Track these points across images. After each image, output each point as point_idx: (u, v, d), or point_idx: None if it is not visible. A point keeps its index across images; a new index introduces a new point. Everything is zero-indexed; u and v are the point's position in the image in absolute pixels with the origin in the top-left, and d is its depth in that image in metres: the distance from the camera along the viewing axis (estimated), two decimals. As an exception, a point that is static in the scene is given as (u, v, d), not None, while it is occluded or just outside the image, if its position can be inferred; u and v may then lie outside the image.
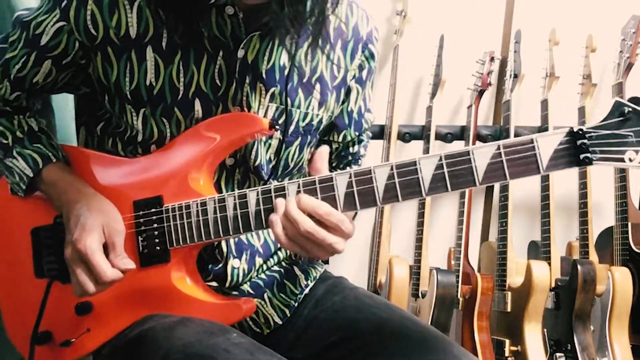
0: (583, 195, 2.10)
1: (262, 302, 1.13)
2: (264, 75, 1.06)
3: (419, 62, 2.25)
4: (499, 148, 0.89)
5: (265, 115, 1.08)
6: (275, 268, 1.18)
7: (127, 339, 1.02)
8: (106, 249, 0.99)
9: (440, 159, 0.91)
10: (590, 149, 0.86)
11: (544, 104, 2.14)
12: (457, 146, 2.20)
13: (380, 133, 2.19)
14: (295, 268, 1.19)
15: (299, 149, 1.13)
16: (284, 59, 1.07)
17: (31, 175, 1.07)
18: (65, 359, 1.08)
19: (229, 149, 1.05)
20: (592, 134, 0.87)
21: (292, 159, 1.13)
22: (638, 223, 2.10)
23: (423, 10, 2.22)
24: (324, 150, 1.11)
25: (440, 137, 2.19)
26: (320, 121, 1.14)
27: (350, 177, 0.94)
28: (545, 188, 2.07)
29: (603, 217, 2.28)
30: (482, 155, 0.90)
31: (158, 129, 1.05)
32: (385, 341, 1.05)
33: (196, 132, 1.04)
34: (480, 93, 2.19)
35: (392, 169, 0.93)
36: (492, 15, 2.32)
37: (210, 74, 1.04)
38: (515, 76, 2.14)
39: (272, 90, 1.07)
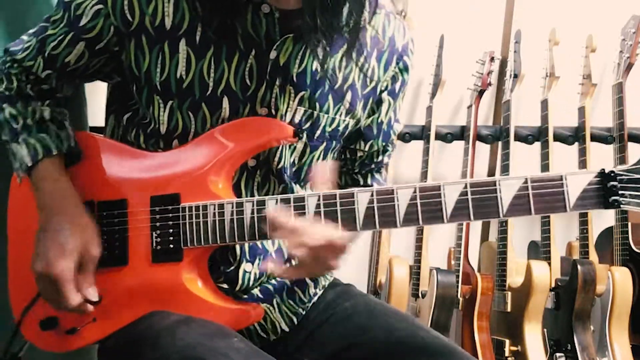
0: (583, 195, 2.10)
1: (271, 308, 1.12)
2: (294, 79, 1.06)
3: (419, 62, 2.24)
4: (526, 182, 0.89)
5: (292, 119, 1.07)
6: None
7: (130, 334, 1.03)
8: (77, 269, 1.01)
9: (465, 187, 0.91)
10: (620, 192, 0.86)
11: (544, 104, 2.14)
12: (458, 146, 2.20)
13: (380, 133, 2.18)
14: None
15: (324, 153, 1.13)
16: (317, 64, 1.07)
17: (29, 164, 1.06)
18: (71, 346, 1.08)
19: (250, 153, 1.05)
20: (624, 177, 0.87)
21: (316, 164, 1.12)
22: (638, 223, 2.10)
23: (423, 10, 2.21)
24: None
25: (440, 137, 2.19)
26: (347, 127, 1.14)
27: (372, 195, 0.94)
28: (545, 188, 2.07)
29: (603, 217, 2.27)
30: (508, 187, 0.90)
31: (183, 122, 1.05)
32: (395, 349, 1.05)
33: (219, 133, 1.04)
34: (480, 93, 2.19)
35: (415, 191, 0.93)
36: (492, 15, 2.32)
37: (240, 73, 1.04)
38: (515, 76, 2.14)
39: (301, 94, 1.07)
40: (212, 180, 1.03)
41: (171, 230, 1.03)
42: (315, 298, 1.19)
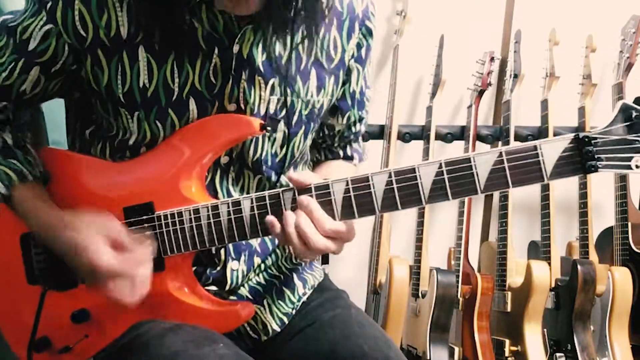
0: (583, 195, 2.10)
1: (261, 309, 1.12)
2: (261, 68, 1.03)
3: (419, 62, 2.25)
4: (501, 155, 0.87)
5: (267, 110, 1.05)
6: (275, 273, 1.16)
7: (120, 344, 1.02)
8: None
9: (440, 166, 0.89)
10: (596, 156, 0.85)
11: (544, 104, 2.14)
12: (458, 146, 2.20)
13: (380, 133, 2.18)
14: (294, 275, 1.18)
15: (304, 137, 1.11)
16: (279, 48, 1.04)
17: (5, 192, 1.01)
18: None
19: (218, 153, 1.02)
20: (598, 140, 0.85)
21: (297, 149, 1.11)
22: (638, 223, 2.10)
23: (423, 10, 2.22)
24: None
25: (440, 137, 2.19)
26: (322, 106, 1.12)
27: (347, 185, 0.93)
28: (545, 188, 2.08)
29: (603, 217, 2.28)
30: (483, 162, 0.88)
31: (152, 132, 1.02)
32: None
33: (185, 135, 1.01)
34: (480, 93, 2.19)
35: (390, 176, 0.91)
36: (492, 15, 2.32)
37: (205, 73, 1.01)
38: (515, 76, 2.14)
39: (271, 82, 1.05)
40: (184, 184, 1.00)
41: None
42: (305, 298, 1.17)
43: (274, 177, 1.10)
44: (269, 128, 1.05)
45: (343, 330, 1.09)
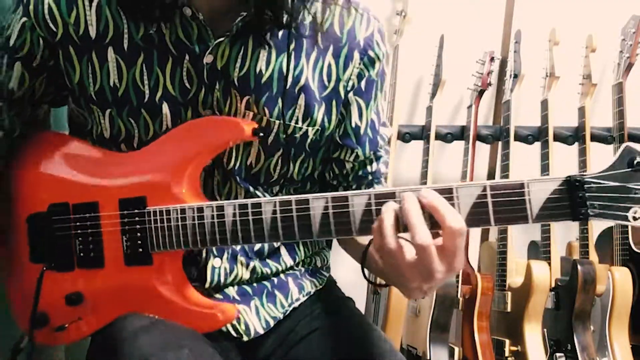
0: (583, 195, 2.10)
1: (247, 309, 1.10)
2: (236, 83, 1.02)
3: (419, 62, 2.25)
4: (485, 190, 0.82)
5: None
6: (268, 276, 1.14)
7: (107, 335, 1.02)
8: None
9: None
10: (589, 203, 0.77)
11: (544, 104, 2.14)
12: (458, 146, 2.20)
13: (380, 133, 2.18)
14: (290, 279, 1.16)
15: (281, 160, 1.08)
16: (261, 65, 1.01)
17: None
18: (61, 342, 1.09)
19: (210, 155, 1.02)
20: (593, 185, 0.77)
21: (274, 170, 1.09)
22: (638, 223, 2.10)
23: (423, 10, 2.22)
24: None
25: (440, 137, 2.19)
26: (306, 135, 1.07)
27: (327, 202, 0.90)
28: (545, 188, 2.07)
29: (603, 217, 2.27)
30: (466, 195, 0.82)
31: (125, 128, 1.04)
32: None
33: (181, 133, 1.02)
34: (480, 93, 2.19)
35: (370, 198, 0.88)
36: (492, 15, 2.32)
37: (178, 77, 1.01)
38: (515, 76, 2.14)
39: (246, 98, 1.02)
40: (175, 183, 1.01)
41: (139, 234, 1.02)
42: (297, 303, 1.15)
43: (251, 190, 1.09)
44: (261, 134, 1.03)
45: (322, 345, 1.08)
